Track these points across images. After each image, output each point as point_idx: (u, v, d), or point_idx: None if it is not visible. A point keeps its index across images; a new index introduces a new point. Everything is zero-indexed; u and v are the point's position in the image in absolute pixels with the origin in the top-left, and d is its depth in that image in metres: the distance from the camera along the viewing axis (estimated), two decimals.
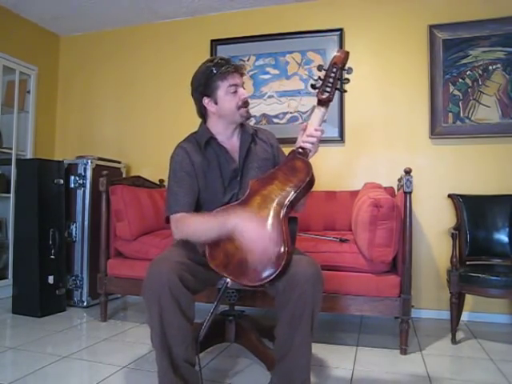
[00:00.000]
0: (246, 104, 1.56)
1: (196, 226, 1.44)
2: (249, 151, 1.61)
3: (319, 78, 1.47)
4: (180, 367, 1.30)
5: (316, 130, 1.43)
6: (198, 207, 1.56)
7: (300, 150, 1.42)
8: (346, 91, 1.56)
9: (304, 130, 1.46)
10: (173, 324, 1.28)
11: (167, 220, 1.52)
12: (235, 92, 1.53)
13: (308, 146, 1.42)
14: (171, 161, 1.58)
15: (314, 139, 1.43)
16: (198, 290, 1.41)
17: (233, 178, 1.57)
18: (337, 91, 1.47)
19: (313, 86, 1.48)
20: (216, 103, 1.55)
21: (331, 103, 1.48)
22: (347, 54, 1.49)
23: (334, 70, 1.45)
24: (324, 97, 1.45)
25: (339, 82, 1.47)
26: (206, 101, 1.56)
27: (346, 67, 1.47)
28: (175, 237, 1.48)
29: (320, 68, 1.49)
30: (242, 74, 1.58)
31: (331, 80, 1.45)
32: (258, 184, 1.42)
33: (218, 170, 1.56)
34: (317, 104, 1.47)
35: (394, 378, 1.77)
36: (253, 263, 1.31)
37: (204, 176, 1.55)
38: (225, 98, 1.53)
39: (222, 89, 1.53)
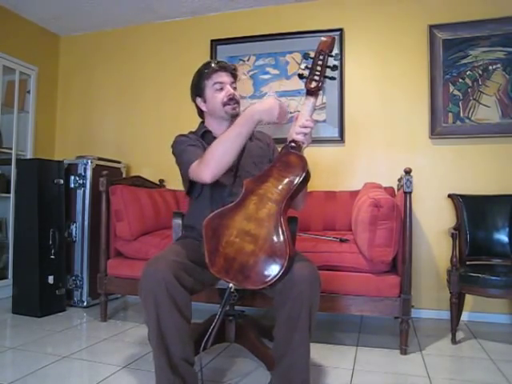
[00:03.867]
0: (231, 101, 1.59)
1: (220, 143, 1.40)
2: (244, 148, 1.62)
3: (306, 67, 1.42)
4: (178, 366, 1.30)
5: (307, 120, 1.39)
6: (191, 193, 1.62)
7: (293, 143, 1.38)
8: (334, 78, 1.50)
9: (296, 120, 1.42)
10: (169, 322, 1.29)
11: (189, 190, 1.59)
12: (221, 89, 1.59)
13: (300, 137, 1.38)
14: (174, 143, 1.63)
15: (307, 130, 1.38)
16: (195, 289, 1.41)
17: (228, 172, 1.57)
18: (327, 80, 1.41)
19: (300, 76, 1.41)
20: (205, 102, 1.65)
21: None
22: (333, 39, 1.44)
23: (321, 57, 1.40)
24: (313, 86, 1.38)
25: (327, 69, 1.41)
26: (198, 100, 1.67)
27: (334, 53, 1.42)
28: (207, 176, 1.40)
29: (306, 56, 1.43)
30: (232, 74, 1.63)
31: (319, 68, 1.40)
32: (252, 183, 1.39)
33: None
34: (306, 94, 1.41)
35: (394, 378, 1.77)
36: (255, 266, 1.28)
37: None
38: (212, 95, 1.61)
39: (209, 87, 1.61)
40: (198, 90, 1.65)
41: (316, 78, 1.39)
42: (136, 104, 3.46)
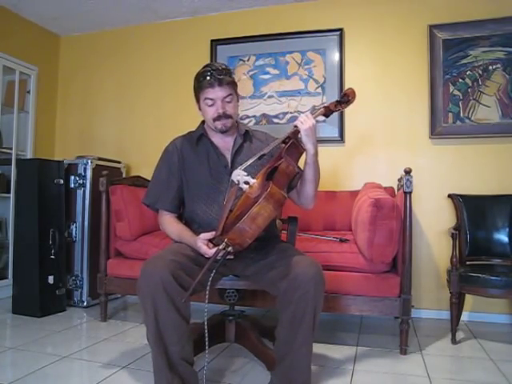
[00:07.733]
0: (221, 118, 1.58)
1: (171, 233, 1.66)
2: (241, 149, 1.66)
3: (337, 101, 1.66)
4: (176, 365, 1.30)
5: (306, 114, 1.51)
6: (188, 196, 1.66)
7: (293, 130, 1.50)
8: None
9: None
10: (168, 322, 1.29)
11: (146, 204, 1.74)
12: (212, 105, 1.58)
13: (297, 122, 1.47)
14: (163, 153, 1.71)
15: (302, 119, 1.47)
16: (194, 289, 1.41)
17: (222, 173, 1.62)
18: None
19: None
20: (200, 109, 1.65)
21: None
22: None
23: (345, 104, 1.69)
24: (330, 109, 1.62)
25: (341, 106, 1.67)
26: (197, 104, 1.66)
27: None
28: (160, 227, 1.72)
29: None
30: (226, 87, 1.56)
31: (339, 107, 1.67)
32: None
33: (206, 164, 1.63)
34: (324, 114, 1.60)
35: (394, 378, 1.77)
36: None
37: (192, 169, 1.64)
38: (204, 108, 1.62)
39: (201, 100, 1.60)
40: (196, 95, 1.63)
41: (336, 108, 1.62)
42: (136, 104, 3.46)
